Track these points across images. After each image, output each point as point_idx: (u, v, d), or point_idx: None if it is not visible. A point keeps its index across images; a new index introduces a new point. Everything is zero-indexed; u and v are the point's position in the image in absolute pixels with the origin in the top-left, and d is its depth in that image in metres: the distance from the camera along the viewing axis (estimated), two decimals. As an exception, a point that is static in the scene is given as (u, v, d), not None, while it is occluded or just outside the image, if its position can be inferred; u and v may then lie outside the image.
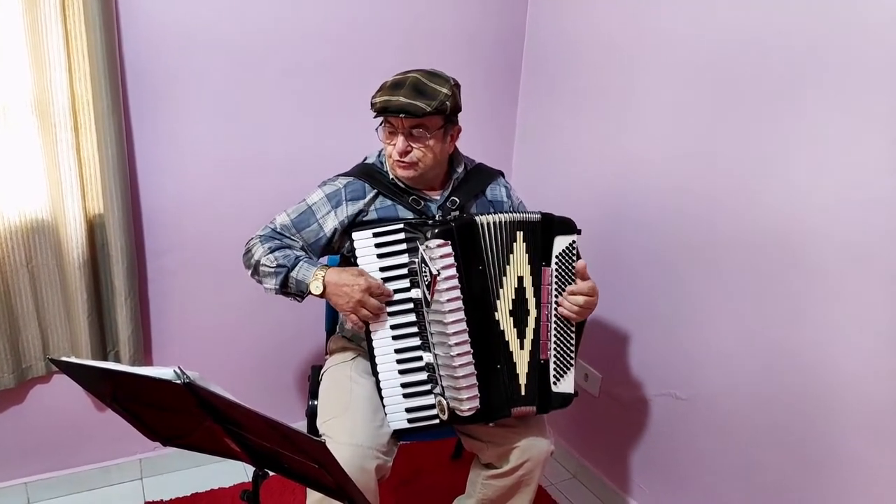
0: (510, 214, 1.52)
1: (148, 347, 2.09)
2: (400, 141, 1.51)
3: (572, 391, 1.57)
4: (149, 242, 2.01)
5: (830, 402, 1.51)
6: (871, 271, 1.40)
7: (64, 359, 1.10)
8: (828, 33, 1.42)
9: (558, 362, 1.55)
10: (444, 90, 1.49)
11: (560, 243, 1.54)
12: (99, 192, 1.84)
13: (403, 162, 1.53)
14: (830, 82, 1.43)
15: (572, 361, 1.57)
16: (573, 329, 1.56)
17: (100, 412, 2.07)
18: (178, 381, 1.00)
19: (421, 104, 1.45)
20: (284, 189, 2.05)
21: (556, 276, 1.53)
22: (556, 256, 1.53)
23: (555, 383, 1.55)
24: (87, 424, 2.08)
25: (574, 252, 1.55)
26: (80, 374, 1.17)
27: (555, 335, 1.54)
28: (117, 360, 1.99)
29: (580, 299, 1.52)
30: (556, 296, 1.54)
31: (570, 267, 1.54)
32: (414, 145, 1.51)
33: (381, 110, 1.49)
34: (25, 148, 1.75)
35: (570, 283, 1.54)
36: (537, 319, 1.53)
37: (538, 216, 1.53)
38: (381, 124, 1.56)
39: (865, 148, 1.38)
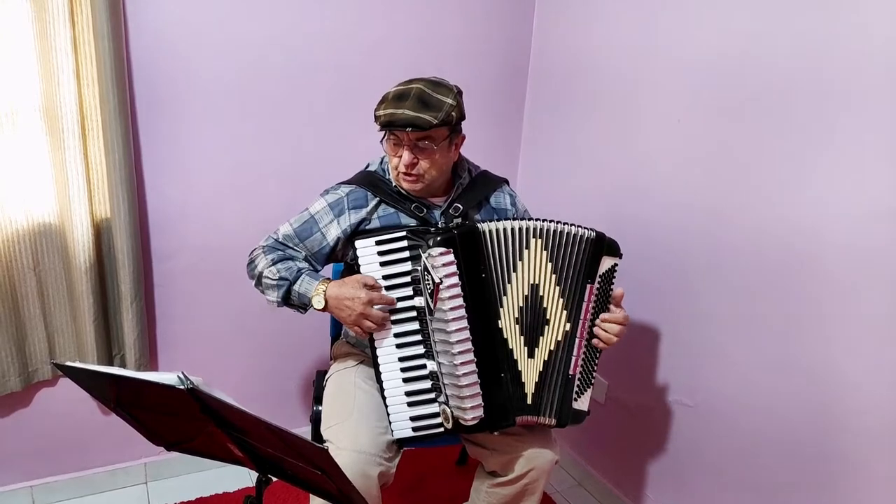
0: (520, 222, 1.49)
1: (154, 351, 2.10)
2: (406, 155, 1.49)
3: (586, 409, 1.56)
4: (155, 247, 2.01)
5: (839, 409, 1.49)
6: (879, 279, 1.39)
7: (68, 363, 1.10)
8: (836, 42, 1.41)
9: (582, 379, 1.55)
10: (449, 100, 1.47)
11: (606, 263, 1.53)
12: (106, 196, 1.85)
13: (410, 175, 1.52)
14: (837, 91, 1.42)
15: (592, 381, 1.57)
16: (599, 351, 1.56)
17: (105, 416, 2.07)
18: (182, 387, 1.00)
19: (427, 117, 1.43)
20: (290, 194, 2.06)
21: (596, 296, 1.52)
22: (600, 276, 1.52)
23: (575, 399, 1.54)
24: (93, 428, 2.08)
25: (614, 275, 1.54)
26: (83, 379, 1.18)
27: (584, 353, 1.54)
28: (123, 363, 2.00)
29: (615, 328, 1.52)
30: (592, 316, 1.53)
31: (608, 289, 1.54)
32: (420, 157, 1.50)
33: (387, 124, 1.47)
34: (33, 152, 1.76)
35: (604, 305, 1.54)
36: (569, 333, 1.52)
37: (593, 233, 1.52)
38: (385, 137, 1.54)
39: (874, 156, 1.37)
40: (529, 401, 1.51)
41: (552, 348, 1.51)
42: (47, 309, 1.89)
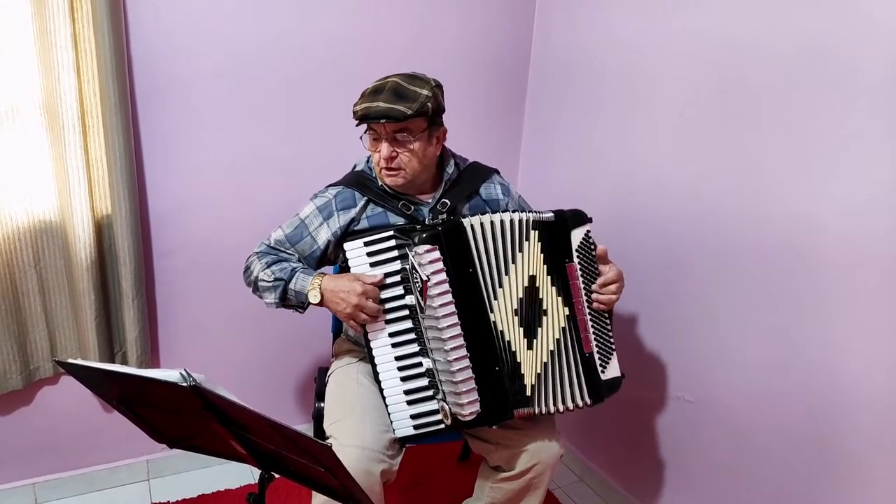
0: (509, 214, 1.49)
1: (155, 348, 2.09)
2: (384, 147, 1.49)
3: (619, 374, 1.57)
4: (156, 243, 2.01)
5: (842, 402, 1.49)
6: (882, 271, 1.38)
7: (70, 361, 1.10)
8: (837, 34, 1.41)
9: (602, 351, 1.55)
10: (425, 91, 1.48)
11: (576, 236, 1.52)
12: (107, 192, 1.84)
13: (390, 169, 1.52)
14: (838, 84, 1.41)
15: (613, 346, 1.57)
16: (607, 316, 1.56)
17: (107, 413, 2.07)
18: (185, 384, 0.99)
19: (401, 108, 1.44)
20: (290, 190, 2.05)
21: (581, 269, 1.52)
22: (576, 250, 1.52)
23: (602, 371, 1.54)
24: (95, 425, 2.08)
25: (591, 241, 1.54)
26: (86, 376, 1.17)
27: (592, 326, 1.54)
28: (125, 361, 2.00)
29: (612, 288, 1.53)
30: (586, 289, 1.53)
31: (590, 257, 1.53)
32: (399, 150, 1.50)
33: (363, 118, 1.48)
34: (34, 149, 1.75)
35: (594, 273, 1.54)
36: (570, 317, 1.52)
37: (550, 214, 1.52)
38: (365, 132, 1.54)
39: (874, 148, 1.36)
40: (528, 392, 1.50)
41: (558, 336, 1.51)
42: (48, 306, 1.89)
